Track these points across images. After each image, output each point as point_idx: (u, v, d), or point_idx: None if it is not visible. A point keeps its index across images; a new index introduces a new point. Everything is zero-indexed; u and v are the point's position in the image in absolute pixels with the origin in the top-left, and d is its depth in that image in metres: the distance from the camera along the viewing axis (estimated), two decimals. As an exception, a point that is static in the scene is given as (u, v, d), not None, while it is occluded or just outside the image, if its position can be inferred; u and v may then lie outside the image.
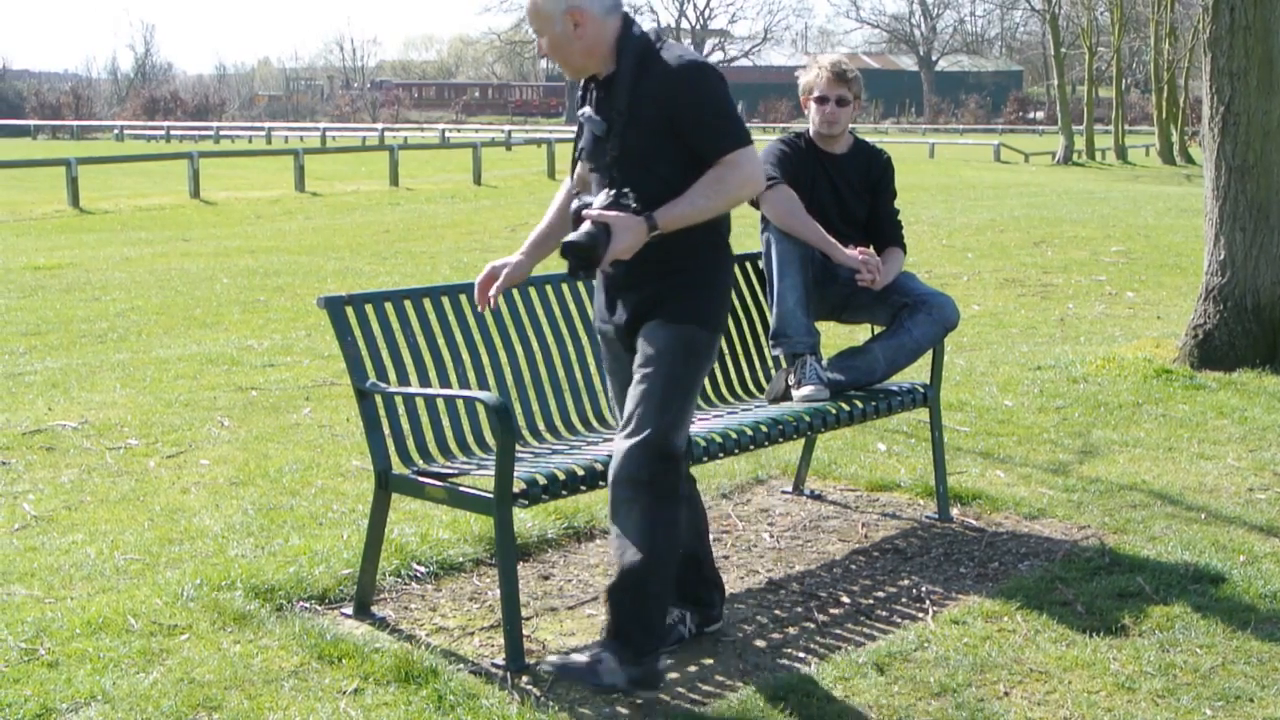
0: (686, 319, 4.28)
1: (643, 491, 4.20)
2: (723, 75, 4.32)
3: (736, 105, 4.30)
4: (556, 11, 4.25)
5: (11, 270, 15.67)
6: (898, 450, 7.21)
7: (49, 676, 4.34)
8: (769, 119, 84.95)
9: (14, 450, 7.34)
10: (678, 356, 4.25)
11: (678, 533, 4.30)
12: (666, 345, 4.26)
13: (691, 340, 4.28)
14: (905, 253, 6.17)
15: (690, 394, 4.28)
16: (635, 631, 4.19)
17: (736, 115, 4.27)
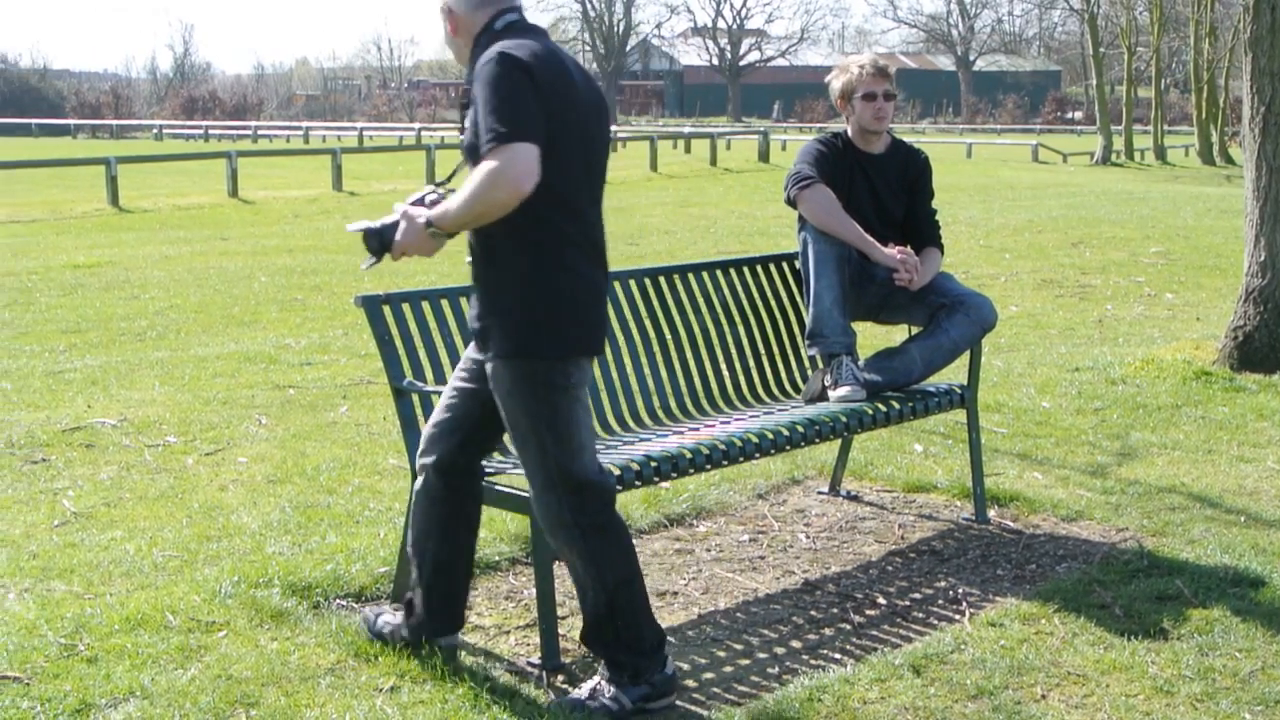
0: (515, 353, 4.07)
1: (570, 533, 4.16)
2: (516, 66, 3.89)
3: (517, 95, 3.85)
4: (440, 11, 4.26)
5: (52, 268, 15.76)
6: (934, 451, 7.19)
7: (88, 672, 4.37)
8: (805, 119, 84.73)
9: (54, 447, 7.39)
10: (525, 393, 4.07)
11: (620, 551, 4.21)
12: (511, 385, 4.10)
13: (530, 374, 4.06)
14: (943, 253, 6.15)
15: (561, 423, 4.07)
16: (624, 657, 4.19)
17: (506, 110, 3.84)
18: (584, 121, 4.09)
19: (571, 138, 4.02)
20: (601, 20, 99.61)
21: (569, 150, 4.01)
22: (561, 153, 3.97)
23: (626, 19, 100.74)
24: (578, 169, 4.08)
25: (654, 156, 37.64)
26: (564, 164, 3.99)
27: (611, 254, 4.34)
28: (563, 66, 4.07)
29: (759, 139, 44.61)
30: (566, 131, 4.00)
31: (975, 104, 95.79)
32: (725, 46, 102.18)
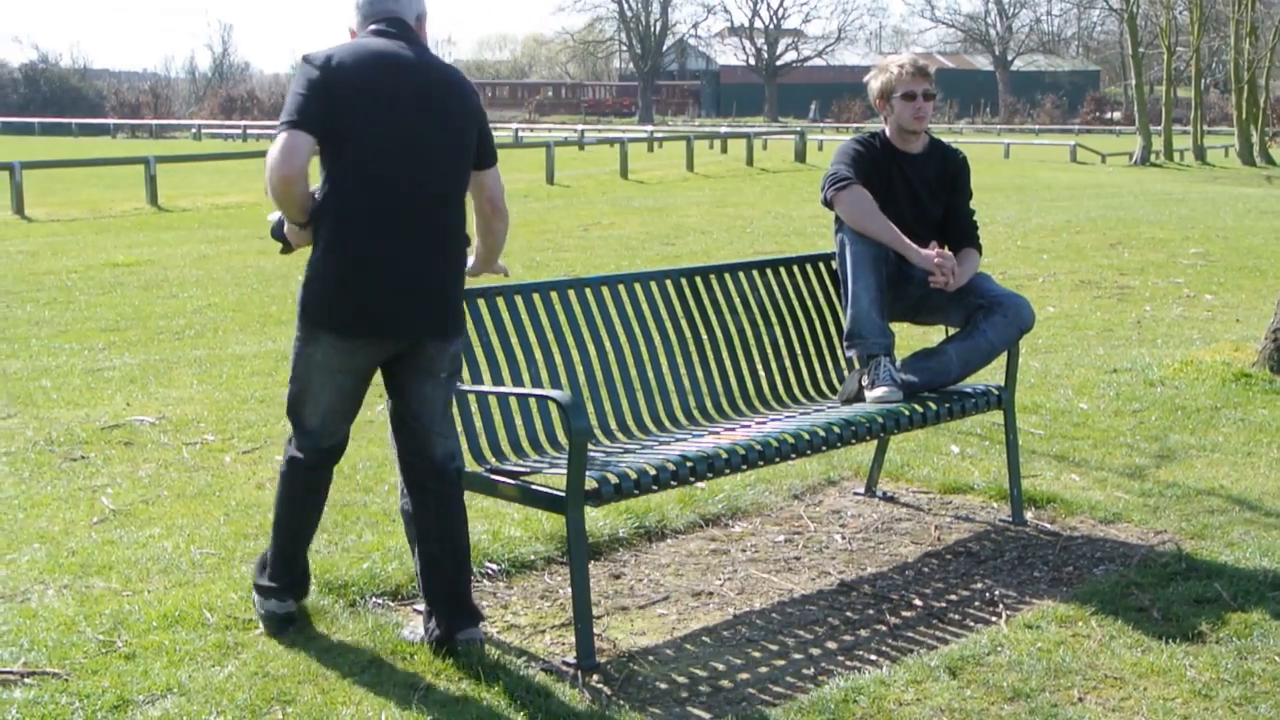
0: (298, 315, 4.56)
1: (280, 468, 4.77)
2: (308, 64, 4.36)
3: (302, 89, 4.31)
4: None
5: (91, 267, 15.87)
6: (971, 452, 7.16)
7: (126, 668, 4.39)
8: (842, 119, 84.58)
9: (93, 445, 7.44)
10: (294, 346, 4.61)
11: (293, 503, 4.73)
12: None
13: (298, 335, 4.55)
14: (980, 253, 6.14)
15: (295, 378, 4.63)
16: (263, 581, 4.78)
17: (289, 103, 4.33)
18: (394, 112, 4.37)
19: (372, 127, 4.34)
20: (638, 20, 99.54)
21: (366, 137, 4.33)
22: (356, 139, 4.33)
23: (663, 19, 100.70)
24: (378, 155, 4.35)
25: (690, 156, 37.61)
26: (357, 150, 4.33)
27: (647, 253, 4.41)
28: (376, 63, 4.39)
29: (795, 139, 44.52)
30: (365, 120, 4.33)
31: (1013, 104, 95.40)
32: (762, 46, 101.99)
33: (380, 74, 4.38)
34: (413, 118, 4.39)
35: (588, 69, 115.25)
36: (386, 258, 4.37)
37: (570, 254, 17.03)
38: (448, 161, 4.49)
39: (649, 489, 4.68)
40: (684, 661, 4.62)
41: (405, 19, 4.57)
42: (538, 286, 5.38)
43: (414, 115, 4.40)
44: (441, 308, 4.48)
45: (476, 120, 4.58)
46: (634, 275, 5.73)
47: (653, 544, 5.85)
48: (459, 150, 4.53)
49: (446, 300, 4.50)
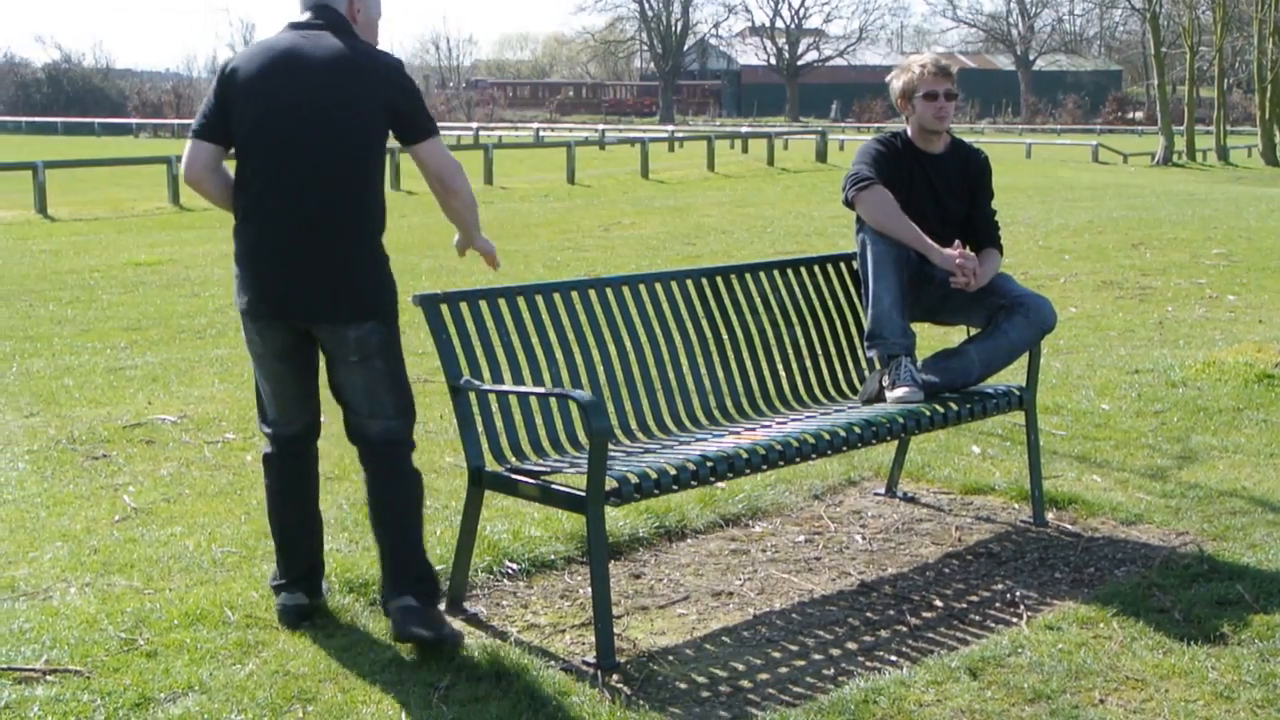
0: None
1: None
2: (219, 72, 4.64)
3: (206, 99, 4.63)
4: None
5: (114, 266, 15.92)
6: (992, 453, 7.15)
7: (148, 666, 4.41)
8: (863, 118, 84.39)
9: (115, 443, 7.46)
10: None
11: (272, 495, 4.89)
12: None
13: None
14: (1002, 254, 6.12)
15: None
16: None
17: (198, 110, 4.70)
18: (278, 107, 4.49)
19: (255, 123, 4.50)
20: (659, 20, 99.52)
21: (251, 134, 4.51)
22: (245, 136, 4.52)
23: (684, 19, 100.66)
24: (262, 149, 4.51)
25: (711, 156, 37.62)
26: (246, 146, 4.54)
27: (668, 253, 4.45)
28: (265, 59, 4.53)
29: (817, 139, 44.49)
30: (250, 117, 4.50)
31: (1035, 104, 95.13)
32: (783, 46, 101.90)
33: (270, 74, 4.51)
34: (298, 108, 4.48)
35: (609, 69, 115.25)
36: (274, 245, 4.54)
37: (591, 254, 17.03)
38: (338, 145, 4.50)
39: (669, 489, 4.68)
40: (704, 661, 4.62)
41: (333, 5, 4.61)
42: (558, 286, 5.38)
43: (300, 105, 4.47)
44: (331, 292, 4.52)
45: (383, 98, 4.52)
46: (655, 275, 5.73)
47: (673, 544, 5.85)
48: (351, 133, 4.50)
49: (337, 284, 4.52)
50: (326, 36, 4.55)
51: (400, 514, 4.69)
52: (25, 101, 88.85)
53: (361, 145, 4.53)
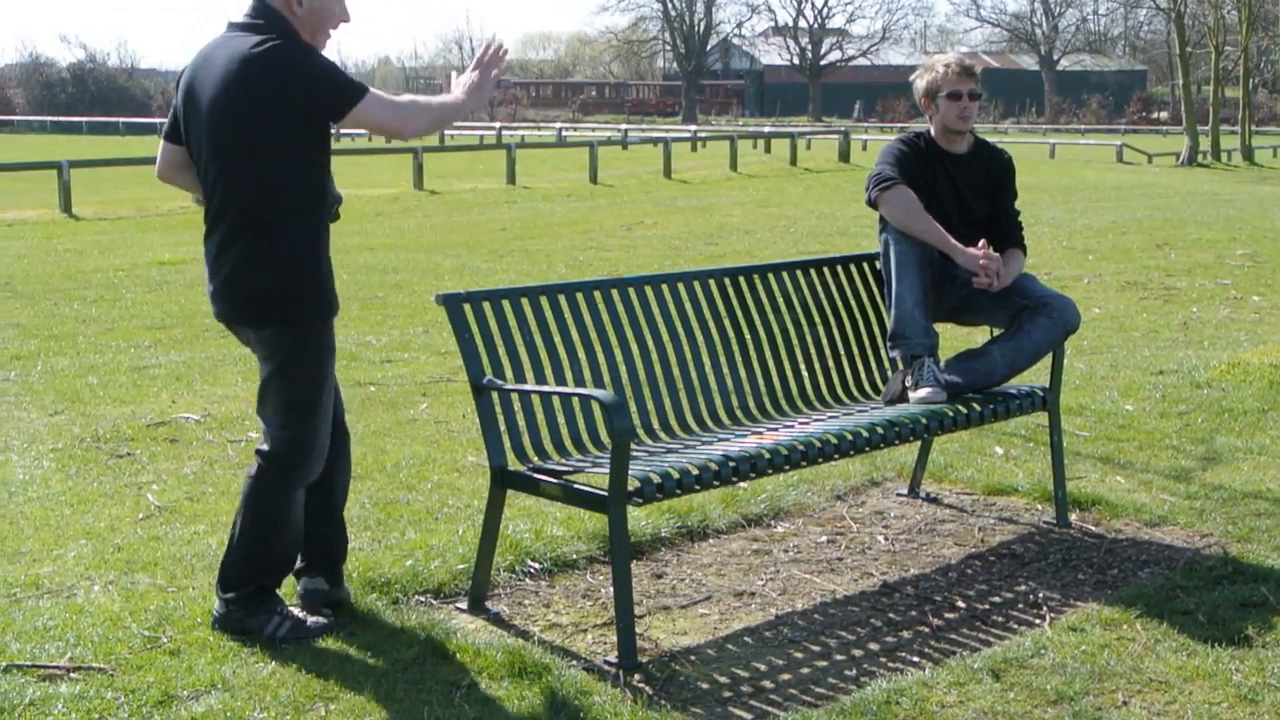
0: None
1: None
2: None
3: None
4: None
5: (138, 265, 15.98)
6: (1015, 454, 7.13)
7: (171, 664, 4.42)
8: (886, 118, 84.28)
9: (139, 442, 7.49)
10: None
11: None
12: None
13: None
14: (1025, 254, 6.11)
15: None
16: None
17: None
18: (192, 111, 4.57)
19: (186, 128, 4.63)
20: (682, 20, 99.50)
21: (186, 139, 4.65)
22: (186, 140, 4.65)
23: (707, 19, 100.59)
24: (193, 153, 4.64)
25: (734, 156, 37.61)
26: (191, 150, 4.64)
27: (690, 253, 4.47)
28: (193, 63, 4.60)
29: (839, 139, 44.46)
30: (187, 125, 4.62)
31: (1059, 104, 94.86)
32: (806, 46, 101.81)
33: (191, 79, 4.59)
34: (199, 113, 4.55)
35: (631, 69, 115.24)
36: (205, 248, 4.67)
37: (613, 253, 17.04)
38: (224, 148, 4.50)
39: (691, 489, 4.68)
40: (726, 661, 4.62)
41: (268, 2, 4.57)
42: (581, 286, 5.38)
43: (200, 111, 4.54)
44: (234, 294, 4.58)
45: (267, 93, 4.40)
46: (677, 275, 5.73)
47: (695, 544, 5.85)
48: (236, 135, 4.47)
49: (239, 288, 4.56)
50: (240, 37, 4.49)
51: (238, 516, 4.76)
52: (50, 101, 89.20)
53: (246, 145, 4.45)
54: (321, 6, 4.60)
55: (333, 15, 4.65)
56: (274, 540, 4.70)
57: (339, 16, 4.67)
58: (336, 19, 4.67)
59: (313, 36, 4.60)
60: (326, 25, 4.64)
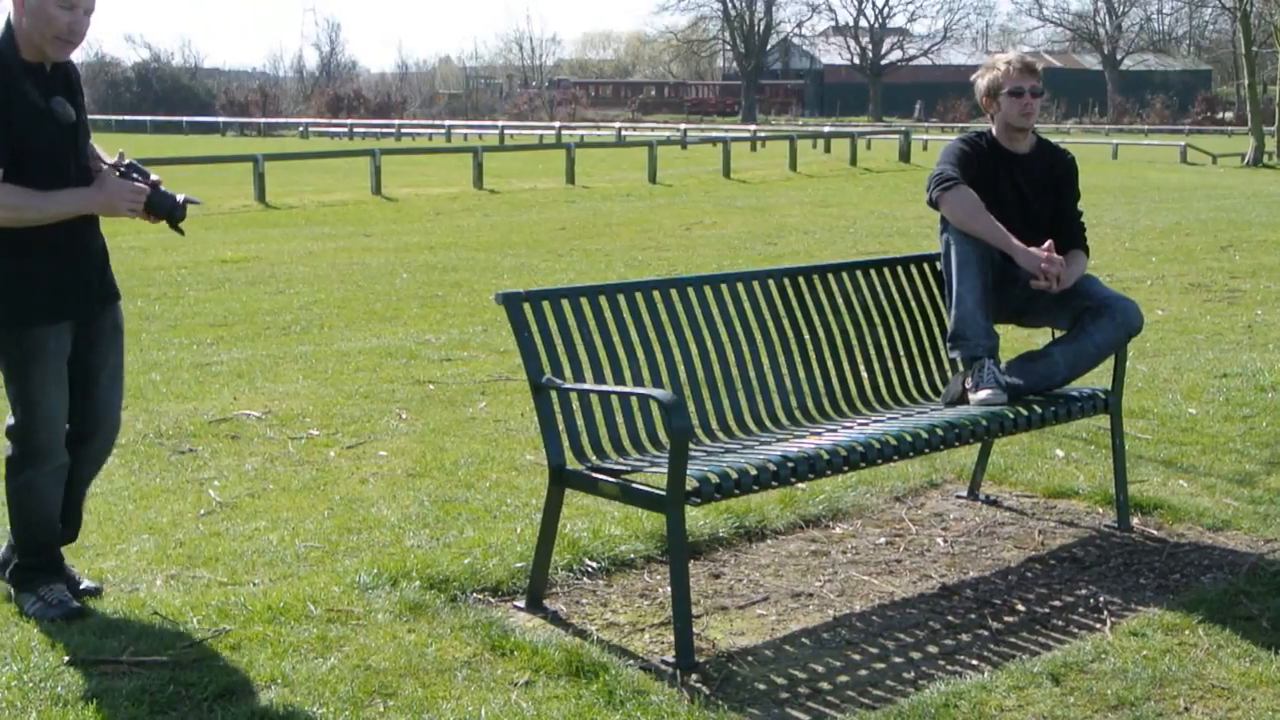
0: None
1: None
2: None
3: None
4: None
5: (201, 263, 16.11)
6: (1076, 457, 7.07)
7: (231, 659, 4.46)
8: (947, 118, 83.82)
9: (201, 438, 7.55)
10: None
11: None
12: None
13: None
14: (1088, 255, 6.06)
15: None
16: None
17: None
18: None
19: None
20: (742, 19, 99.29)
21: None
22: None
23: (767, 18, 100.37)
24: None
25: (793, 156, 37.53)
26: None
27: (749, 253, 4.51)
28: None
29: (900, 139, 44.28)
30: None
31: (1122, 104, 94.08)
32: (867, 45, 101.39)
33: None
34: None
35: (691, 68, 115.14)
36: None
37: (672, 253, 17.03)
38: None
39: (750, 489, 4.67)
40: (783, 663, 4.61)
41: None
42: (640, 285, 5.38)
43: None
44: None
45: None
46: (736, 275, 5.72)
47: (752, 544, 5.84)
48: None
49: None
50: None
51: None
52: (115, 100, 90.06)
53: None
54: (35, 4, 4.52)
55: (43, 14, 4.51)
56: (22, 522, 4.88)
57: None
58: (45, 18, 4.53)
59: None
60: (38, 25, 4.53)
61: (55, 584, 4.92)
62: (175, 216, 4.82)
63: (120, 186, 4.66)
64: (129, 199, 4.67)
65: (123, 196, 4.67)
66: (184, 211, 4.84)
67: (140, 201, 4.69)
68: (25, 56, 4.55)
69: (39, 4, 4.48)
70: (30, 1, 4.49)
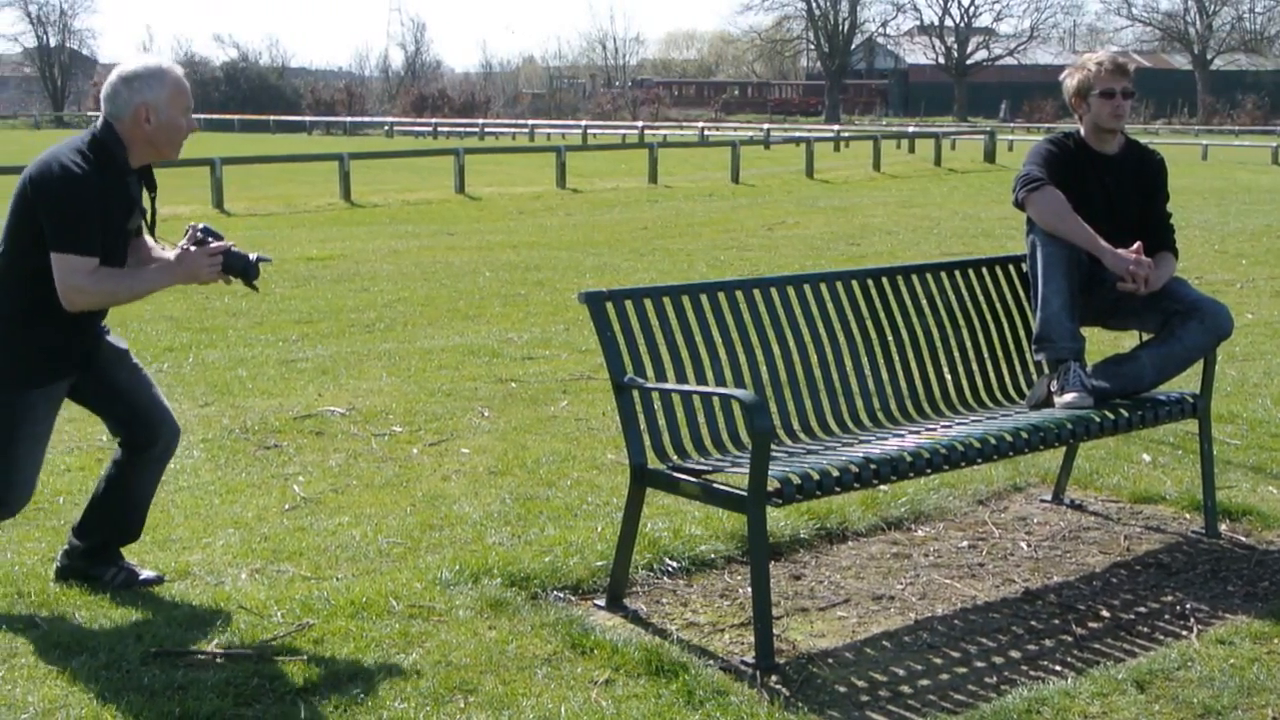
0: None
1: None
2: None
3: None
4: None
5: (286, 260, 16.26)
6: (1163, 462, 6.99)
7: (314, 653, 4.50)
8: (1033, 119, 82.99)
9: (286, 434, 7.63)
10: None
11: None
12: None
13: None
14: (1177, 257, 5.98)
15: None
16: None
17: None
18: None
19: None
20: (826, 19, 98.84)
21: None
22: None
23: (851, 17, 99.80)
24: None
25: (877, 156, 37.34)
26: None
27: (832, 253, 4.50)
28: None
29: (985, 139, 43.91)
30: None
31: (1212, 104, 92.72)
32: (952, 45, 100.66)
33: None
34: None
35: (774, 68, 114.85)
36: None
37: (754, 253, 16.99)
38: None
39: (831, 490, 4.65)
40: (863, 665, 4.58)
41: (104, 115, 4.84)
42: (722, 285, 5.37)
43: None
44: None
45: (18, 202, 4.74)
46: (819, 275, 5.70)
47: (833, 546, 5.81)
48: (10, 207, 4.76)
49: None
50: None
51: None
52: (204, 99, 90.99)
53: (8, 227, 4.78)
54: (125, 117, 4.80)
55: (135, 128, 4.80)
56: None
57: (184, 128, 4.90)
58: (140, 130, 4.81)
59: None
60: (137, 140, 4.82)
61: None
62: (249, 275, 4.92)
63: (198, 258, 4.82)
64: (208, 266, 4.83)
65: (202, 265, 4.83)
66: (257, 270, 4.94)
67: (218, 265, 4.84)
68: (131, 161, 4.82)
69: (169, 117, 4.81)
70: (161, 116, 4.79)
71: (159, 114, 4.77)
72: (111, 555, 5.20)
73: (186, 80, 4.89)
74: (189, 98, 4.88)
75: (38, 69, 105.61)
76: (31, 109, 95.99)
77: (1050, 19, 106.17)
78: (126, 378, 5.07)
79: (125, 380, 5.07)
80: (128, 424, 5.08)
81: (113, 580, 5.11)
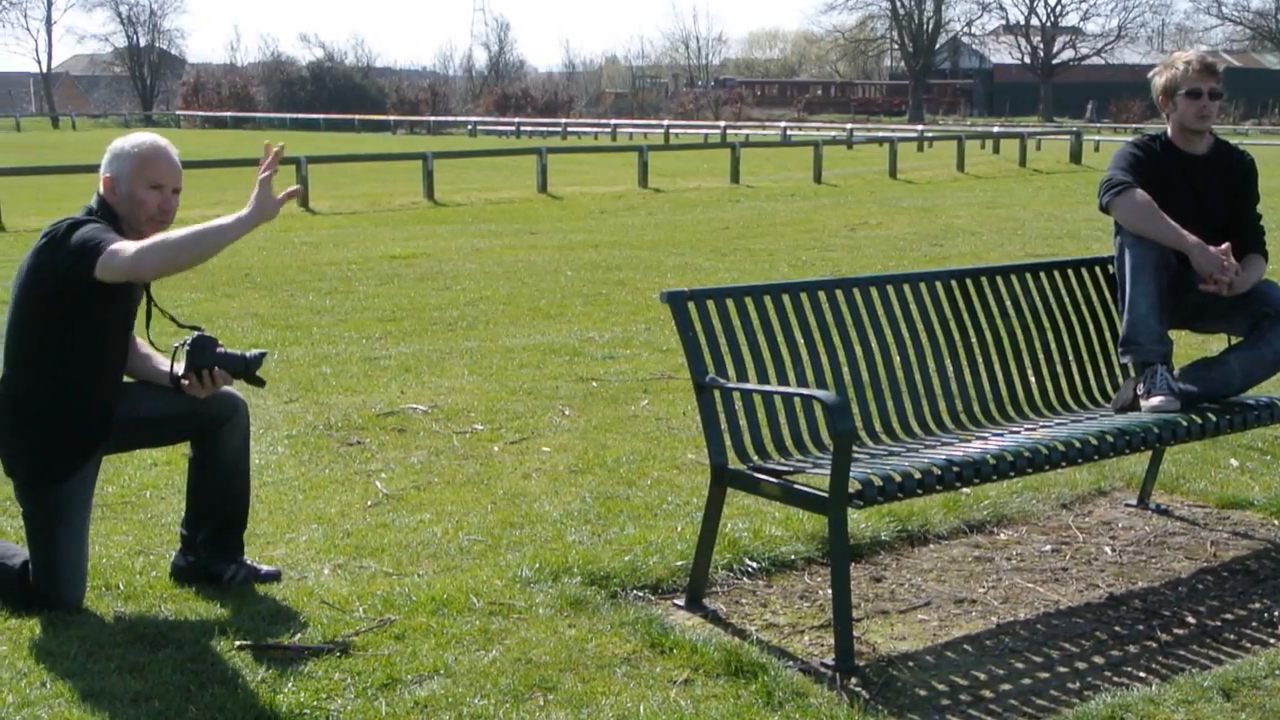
0: None
1: None
2: None
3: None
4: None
5: (370, 259, 16.39)
6: (1251, 467, 6.89)
7: (396, 649, 4.53)
8: (1120, 119, 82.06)
9: (368, 430, 7.69)
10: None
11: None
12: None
13: None
14: (1267, 260, 5.90)
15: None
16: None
17: None
18: None
19: None
20: (911, 18, 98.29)
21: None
22: None
23: (936, 17, 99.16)
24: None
25: (961, 156, 37.07)
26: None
27: (915, 254, 4.47)
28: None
29: (1071, 139, 43.47)
30: None
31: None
32: (1038, 44, 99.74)
33: None
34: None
35: (858, 67, 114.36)
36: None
37: (837, 253, 16.93)
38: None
39: (913, 493, 4.62)
40: (944, 669, 4.55)
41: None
42: (805, 286, 5.36)
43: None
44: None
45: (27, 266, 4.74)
46: (902, 276, 5.67)
47: (914, 548, 5.78)
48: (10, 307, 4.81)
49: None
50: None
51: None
52: (290, 99, 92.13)
53: (13, 321, 4.79)
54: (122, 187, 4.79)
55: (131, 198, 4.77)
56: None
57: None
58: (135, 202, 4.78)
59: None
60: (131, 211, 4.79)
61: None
62: (251, 372, 4.96)
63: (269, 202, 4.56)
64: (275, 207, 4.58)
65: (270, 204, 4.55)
66: (259, 363, 4.98)
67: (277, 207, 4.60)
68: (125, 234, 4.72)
69: (129, 190, 4.77)
70: (120, 190, 4.78)
71: (119, 186, 4.76)
72: (230, 550, 5.17)
73: (167, 157, 4.79)
74: (162, 174, 4.78)
75: (128, 68, 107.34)
76: (121, 108, 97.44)
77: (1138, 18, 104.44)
78: (150, 403, 5.02)
79: (154, 403, 5.03)
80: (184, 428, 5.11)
81: (233, 578, 5.10)
